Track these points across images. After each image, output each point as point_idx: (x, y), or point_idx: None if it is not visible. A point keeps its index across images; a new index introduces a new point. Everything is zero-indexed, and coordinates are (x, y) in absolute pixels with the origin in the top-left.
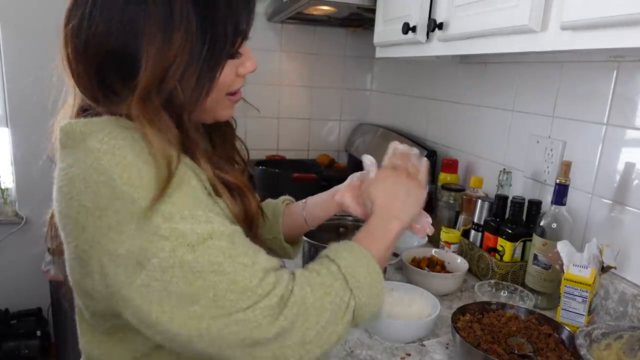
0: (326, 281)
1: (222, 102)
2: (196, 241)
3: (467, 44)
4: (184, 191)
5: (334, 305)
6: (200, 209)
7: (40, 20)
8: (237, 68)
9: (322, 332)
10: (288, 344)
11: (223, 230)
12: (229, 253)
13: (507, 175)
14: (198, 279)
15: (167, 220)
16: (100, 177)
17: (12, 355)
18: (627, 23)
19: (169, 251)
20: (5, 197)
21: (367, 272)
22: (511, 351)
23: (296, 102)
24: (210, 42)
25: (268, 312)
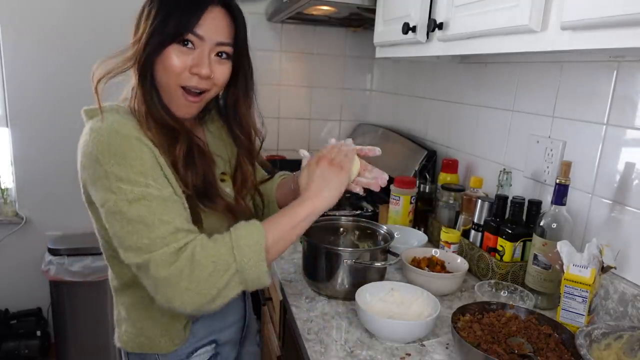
0: (216, 245)
1: (176, 93)
2: (132, 199)
3: (467, 44)
4: (136, 162)
5: (217, 264)
6: (143, 177)
7: (40, 20)
8: (189, 65)
9: (203, 284)
10: (176, 289)
11: (156, 195)
12: (154, 211)
13: (507, 175)
14: (128, 225)
15: (117, 180)
16: (88, 148)
17: (12, 355)
18: (627, 23)
19: (113, 202)
20: (5, 197)
21: (253, 243)
22: (511, 351)
23: (296, 102)
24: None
25: (167, 257)
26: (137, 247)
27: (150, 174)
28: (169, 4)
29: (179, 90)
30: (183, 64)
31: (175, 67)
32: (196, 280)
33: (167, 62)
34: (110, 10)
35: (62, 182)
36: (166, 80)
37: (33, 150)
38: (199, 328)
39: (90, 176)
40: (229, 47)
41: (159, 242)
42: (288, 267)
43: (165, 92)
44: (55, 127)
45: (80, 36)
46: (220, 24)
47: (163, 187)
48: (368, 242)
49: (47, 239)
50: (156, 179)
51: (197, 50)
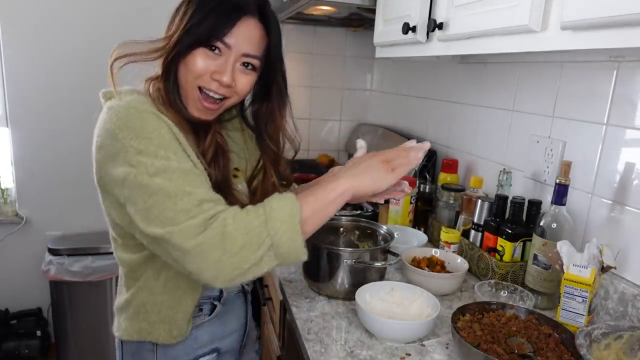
0: (249, 217)
1: (192, 94)
2: (153, 172)
3: (467, 44)
4: (154, 135)
5: (249, 237)
6: (163, 149)
7: (40, 20)
8: (212, 71)
9: (235, 257)
10: (207, 259)
11: (177, 167)
12: (177, 183)
13: (507, 175)
14: (150, 198)
15: (137, 153)
16: (106, 125)
17: (12, 355)
18: (627, 23)
19: (133, 176)
20: (5, 197)
21: (287, 216)
22: (511, 351)
23: (296, 102)
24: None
25: (193, 229)
26: (160, 220)
27: (169, 147)
28: (206, 7)
29: (196, 92)
30: (206, 68)
31: (198, 69)
32: (228, 252)
33: (191, 62)
34: (110, 10)
35: (62, 182)
36: (185, 80)
37: (33, 150)
38: (201, 334)
39: (109, 153)
40: (256, 60)
41: (182, 214)
42: (288, 267)
43: (184, 91)
44: (55, 127)
45: (81, 36)
46: (251, 35)
47: (183, 161)
48: (368, 242)
49: (47, 239)
50: (176, 153)
51: (223, 57)
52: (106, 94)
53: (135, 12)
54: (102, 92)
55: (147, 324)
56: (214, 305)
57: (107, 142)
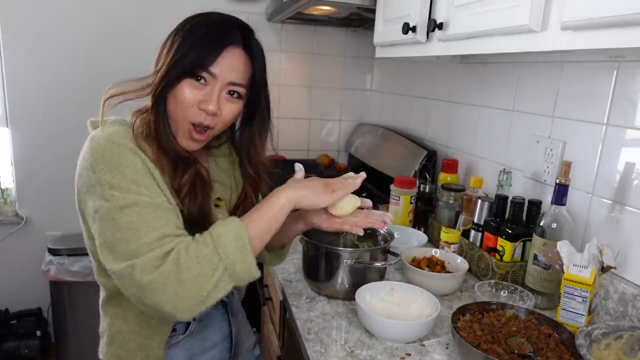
0: (199, 247)
1: (183, 128)
2: (124, 205)
3: (467, 44)
4: (128, 170)
5: (202, 266)
6: (135, 185)
7: (40, 20)
8: (199, 101)
9: (191, 287)
10: (164, 293)
11: (148, 201)
12: (144, 218)
13: (507, 175)
14: (118, 232)
15: (110, 188)
16: (85, 155)
17: (12, 355)
18: (627, 23)
19: (105, 209)
20: (5, 197)
21: (234, 238)
22: (511, 351)
23: (296, 102)
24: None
25: (152, 262)
26: (124, 253)
27: (142, 182)
28: (191, 39)
29: (187, 126)
30: (193, 98)
31: (185, 99)
32: (183, 284)
33: (179, 94)
34: (111, 11)
35: (62, 182)
36: (175, 113)
37: (33, 150)
38: (177, 352)
39: (85, 184)
40: (242, 88)
41: (145, 247)
42: (288, 267)
43: (174, 122)
44: (55, 127)
45: (81, 36)
46: (236, 64)
47: (156, 195)
48: (368, 242)
49: (47, 239)
50: (148, 187)
51: (209, 87)
52: (93, 123)
53: (136, 13)
54: (90, 121)
55: (123, 352)
56: (188, 323)
57: (84, 172)
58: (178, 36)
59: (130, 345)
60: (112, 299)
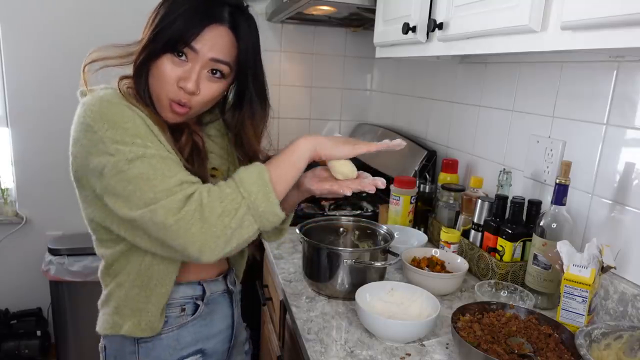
0: (222, 189)
1: (164, 103)
2: (132, 157)
3: (467, 44)
4: (129, 125)
5: (225, 205)
6: (140, 138)
7: (40, 20)
8: (178, 77)
9: (215, 226)
10: (189, 233)
11: (154, 153)
12: (155, 167)
13: (507, 175)
14: (130, 183)
15: (114, 143)
16: (80, 119)
17: (12, 355)
18: (627, 23)
19: (112, 164)
20: (5, 197)
21: (256, 178)
22: (511, 351)
23: (296, 102)
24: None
25: (175, 204)
26: (143, 202)
27: (146, 136)
28: (175, 12)
29: (167, 101)
30: (173, 74)
31: (165, 75)
32: (208, 222)
33: (159, 68)
34: (111, 10)
35: (62, 182)
36: (155, 86)
37: (33, 150)
38: (184, 334)
39: (86, 146)
40: (225, 66)
41: (164, 193)
42: (288, 267)
43: (154, 95)
44: (55, 127)
45: (81, 36)
46: (220, 42)
47: (161, 149)
48: (368, 242)
49: (47, 239)
50: (152, 141)
51: (189, 64)
52: (82, 92)
53: (136, 13)
54: (79, 91)
55: (119, 317)
56: (197, 305)
57: (82, 135)
58: (163, 7)
59: (126, 310)
60: (110, 267)
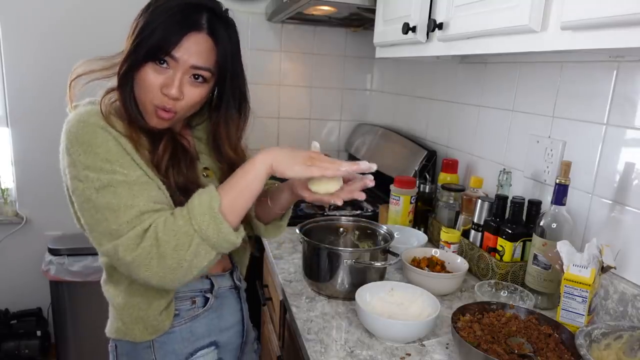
0: (175, 220)
1: (149, 109)
2: (99, 186)
3: (467, 44)
4: (100, 150)
5: (179, 238)
6: (109, 163)
7: (40, 20)
8: (162, 85)
9: (171, 259)
10: (148, 268)
11: (122, 180)
12: (120, 196)
13: (507, 175)
14: (97, 212)
15: (84, 168)
16: (64, 136)
17: (12, 355)
18: (627, 23)
19: (81, 191)
20: (5, 197)
21: (207, 209)
22: (511, 351)
23: (296, 102)
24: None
25: (132, 240)
26: (106, 234)
27: (115, 159)
28: (154, 22)
29: (152, 108)
30: (156, 82)
31: (149, 84)
32: (164, 257)
33: (143, 77)
34: (111, 10)
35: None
36: (140, 96)
37: (33, 150)
38: (197, 325)
39: (63, 166)
40: (206, 72)
41: (125, 226)
42: (288, 267)
43: (140, 103)
44: (55, 127)
45: (81, 36)
46: (199, 49)
47: (130, 171)
48: (368, 242)
49: (47, 239)
50: (122, 164)
51: (171, 71)
52: (70, 109)
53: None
54: (67, 108)
55: (122, 324)
56: (207, 297)
57: (63, 154)
58: (142, 18)
59: (127, 318)
60: (111, 277)
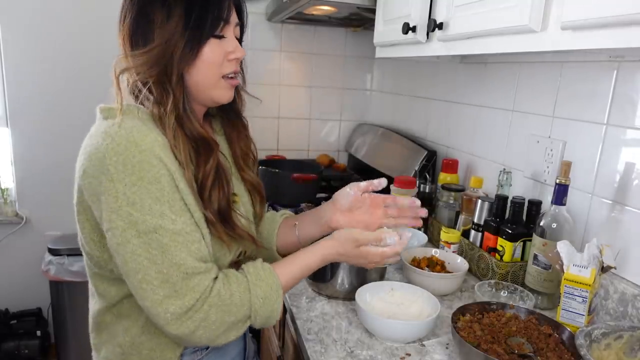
0: (233, 307)
1: (219, 83)
2: (143, 230)
3: (467, 44)
4: (153, 187)
5: (231, 323)
6: (159, 204)
7: (40, 20)
8: (226, 53)
9: (217, 339)
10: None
11: (169, 228)
12: (166, 249)
13: (507, 175)
14: (134, 261)
15: (128, 204)
16: (98, 153)
17: (12, 355)
18: (627, 23)
19: (120, 230)
20: (5, 197)
21: (269, 310)
22: (511, 351)
23: (296, 102)
24: (194, 24)
25: (177, 317)
26: (147, 292)
27: (166, 200)
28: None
29: (221, 81)
30: (221, 55)
31: (215, 58)
32: (208, 331)
33: (207, 56)
34: (111, 10)
35: (62, 182)
36: (204, 78)
37: (33, 150)
38: None
39: (95, 187)
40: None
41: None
42: None
43: (203, 90)
44: (55, 127)
45: (81, 36)
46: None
47: (178, 216)
48: None
49: (47, 239)
50: (172, 207)
51: (228, 37)
52: (104, 111)
53: None
54: (101, 108)
55: None
56: None
57: (96, 173)
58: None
59: (141, 355)
60: (112, 307)
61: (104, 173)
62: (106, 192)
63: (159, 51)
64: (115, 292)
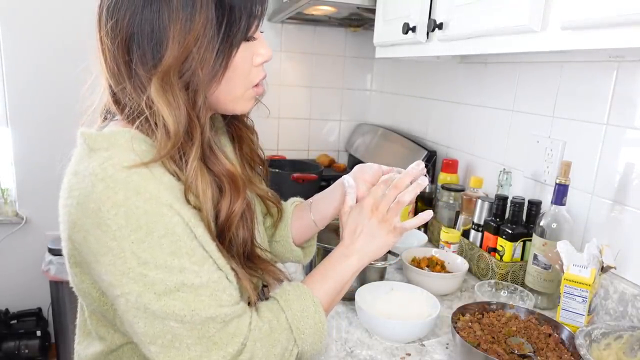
0: (274, 333)
1: (245, 94)
2: (163, 291)
3: (467, 44)
4: (166, 240)
5: (278, 355)
6: (177, 258)
7: (40, 20)
8: (253, 57)
9: None
10: None
11: (194, 283)
12: (193, 306)
13: (507, 175)
14: (158, 323)
15: (140, 264)
16: (88, 203)
17: (12, 355)
18: (627, 23)
19: (135, 295)
20: (5, 197)
21: (312, 322)
22: (511, 351)
23: (296, 102)
24: (226, 25)
25: None
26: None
27: (184, 252)
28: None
29: (249, 92)
30: (249, 61)
31: (248, 64)
32: None
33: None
34: None
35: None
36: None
37: (33, 150)
38: None
39: (91, 245)
40: None
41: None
42: (288, 267)
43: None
44: (55, 127)
45: (81, 36)
46: None
47: (200, 267)
48: None
49: (47, 239)
50: (192, 257)
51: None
52: (89, 140)
53: None
54: (83, 134)
55: None
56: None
57: (90, 227)
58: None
59: None
60: (111, 353)
61: (101, 229)
62: (109, 252)
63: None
64: (119, 338)
